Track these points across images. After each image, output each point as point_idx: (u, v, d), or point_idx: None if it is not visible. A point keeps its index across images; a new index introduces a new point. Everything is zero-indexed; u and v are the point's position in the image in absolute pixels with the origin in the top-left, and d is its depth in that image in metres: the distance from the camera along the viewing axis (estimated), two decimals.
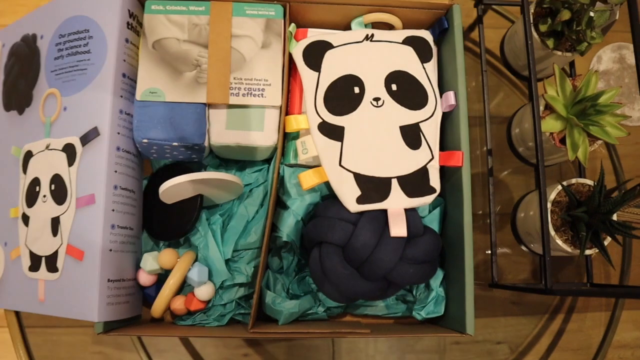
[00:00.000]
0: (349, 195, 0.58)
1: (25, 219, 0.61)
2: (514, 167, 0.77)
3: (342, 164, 0.59)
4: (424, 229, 0.59)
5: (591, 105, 0.59)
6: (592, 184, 0.63)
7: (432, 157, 0.60)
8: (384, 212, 0.58)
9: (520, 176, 0.77)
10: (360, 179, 0.58)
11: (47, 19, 0.63)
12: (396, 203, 0.58)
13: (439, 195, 0.65)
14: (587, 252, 0.61)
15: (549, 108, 0.63)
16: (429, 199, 0.59)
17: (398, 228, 0.56)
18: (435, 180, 0.60)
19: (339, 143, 0.59)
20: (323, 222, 0.58)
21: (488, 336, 0.75)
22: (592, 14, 0.62)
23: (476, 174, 0.76)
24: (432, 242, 0.58)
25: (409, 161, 0.60)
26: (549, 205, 0.62)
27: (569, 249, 0.60)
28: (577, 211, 0.58)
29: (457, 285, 0.60)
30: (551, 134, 0.62)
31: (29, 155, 0.62)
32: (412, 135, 0.60)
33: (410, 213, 0.58)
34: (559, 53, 0.66)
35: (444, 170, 0.65)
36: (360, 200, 0.58)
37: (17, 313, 0.70)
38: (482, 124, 0.73)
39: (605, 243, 0.61)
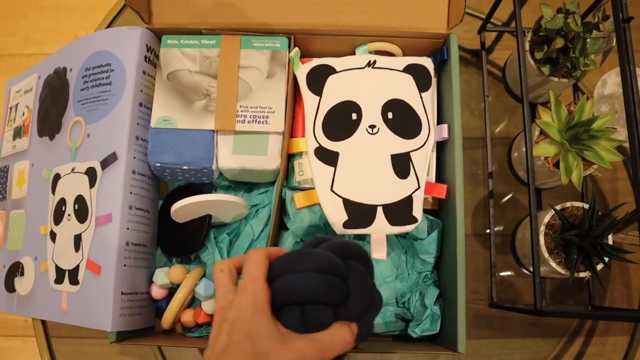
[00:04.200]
0: (336, 219, 0.61)
1: (53, 235, 0.67)
2: (518, 189, 0.78)
3: (334, 189, 0.62)
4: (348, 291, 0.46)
5: (584, 130, 0.61)
6: (584, 208, 0.64)
7: (418, 187, 0.63)
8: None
9: (525, 197, 0.78)
10: (348, 204, 0.62)
11: (76, 53, 0.70)
12: (379, 230, 0.61)
13: (437, 217, 0.68)
14: (582, 274, 0.62)
15: (544, 133, 0.64)
16: (410, 227, 0.62)
17: (379, 253, 0.60)
18: (417, 210, 0.62)
19: (333, 168, 0.62)
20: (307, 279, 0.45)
21: (504, 357, 0.74)
22: (586, 40, 0.63)
23: (479, 194, 0.78)
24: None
25: (395, 190, 0.62)
26: (542, 228, 0.63)
27: (562, 271, 0.61)
28: (568, 234, 0.60)
29: (451, 305, 0.62)
30: (546, 158, 0.64)
31: (57, 177, 0.68)
32: (401, 164, 0.63)
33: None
34: (556, 79, 0.67)
35: None
36: (346, 225, 0.61)
37: (43, 323, 0.76)
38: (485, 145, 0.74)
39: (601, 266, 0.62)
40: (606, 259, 0.60)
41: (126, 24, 0.67)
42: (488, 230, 0.73)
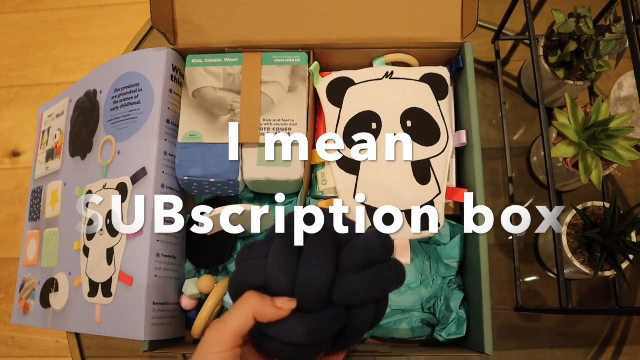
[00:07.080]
0: (359, 227, 0.62)
1: (86, 250, 0.69)
2: (539, 196, 0.79)
3: (356, 197, 0.64)
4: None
5: (602, 130, 0.61)
6: (605, 206, 0.64)
7: (439, 192, 0.64)
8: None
9: (545, 203, 0.78)
10: (371, 211, 0.63)
11: (105, 76, 0.73)
12: (402, 235, 0.62)
13: (459, 223, 0.69)
14: (607, 273, 0.62)
15: (561, 135, 0.65)
16: (432, 233, 0.63)
17: (404, 258, 0.61)
18: (440, 215, 0.63)
19: (355, 177, 0.64)
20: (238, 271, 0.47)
21: None
22: (599, 43, 0.64)
23: (500, 204, 0.78)
24: (374, 238, 0.46)
25: (417, 196, 0.64)
26: (565, 228, 0.63)
27: (586, 271, 0.62)
28: (590, 232, 0.60)
29: (477, 307, 0.62)
30: (565, 159, 0.65)
31: (89, 194, 0.71)
32: (422, 171, 0.64)
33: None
34: (571, 82, 0.68)
35: None
36: None
37: (78, 341, 0.78)
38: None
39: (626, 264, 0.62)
40: (631, 257, 0.60)
41: (151, 47, 0.71)
42: (510, 237, 0.73)
